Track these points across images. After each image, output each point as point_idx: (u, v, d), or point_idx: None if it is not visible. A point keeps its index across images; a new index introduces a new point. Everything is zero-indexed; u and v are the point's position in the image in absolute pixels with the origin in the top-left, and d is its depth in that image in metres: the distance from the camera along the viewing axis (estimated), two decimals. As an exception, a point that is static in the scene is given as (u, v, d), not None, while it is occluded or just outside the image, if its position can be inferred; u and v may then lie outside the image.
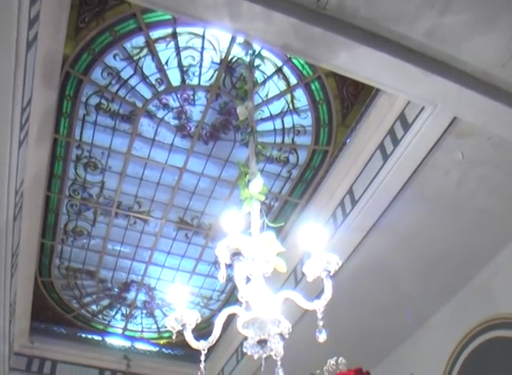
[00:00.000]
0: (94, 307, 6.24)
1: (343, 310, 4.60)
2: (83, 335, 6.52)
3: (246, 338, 2.11)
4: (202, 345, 2.22)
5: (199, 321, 2.30)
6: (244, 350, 2.15)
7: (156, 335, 6.58)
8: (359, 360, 3.62)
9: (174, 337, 2.18)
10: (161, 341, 6.64)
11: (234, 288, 5.55)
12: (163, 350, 6.68)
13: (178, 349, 6.64)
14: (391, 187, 4.04)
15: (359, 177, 4.30)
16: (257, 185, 2.69)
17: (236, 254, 2.15)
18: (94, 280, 5.85)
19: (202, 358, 2.20)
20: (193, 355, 6.50)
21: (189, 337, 2.21)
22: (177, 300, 2.28)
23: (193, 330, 6.51)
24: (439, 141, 3.76)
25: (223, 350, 6.12)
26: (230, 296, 5.93)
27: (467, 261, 4.54)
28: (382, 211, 4.19)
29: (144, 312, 6.25)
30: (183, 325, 2.24)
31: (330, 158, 4.61)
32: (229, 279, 2.19)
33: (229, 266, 2.18)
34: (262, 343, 2.09)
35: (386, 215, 4.21)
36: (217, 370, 6.38)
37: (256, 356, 2.15)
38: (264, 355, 2.14)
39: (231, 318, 5.41)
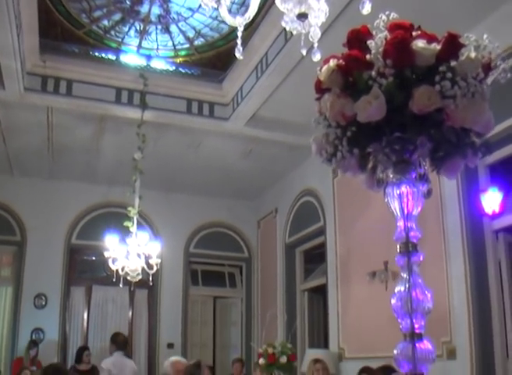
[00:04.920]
0: (105, 22, 5.94)
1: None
2: (97, 54, 6.33)
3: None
4: (238, 21, 2.03)
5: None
6: (283, 24, 1.98)
7: (172, 53, 6.40)
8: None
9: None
10: (178, 60, 6.48)
11: None
12: (180, 69, 6.56)
13: (195, 68, 6.54)
14: None
15: None
16: None
17: None
18: (103, -10, 5.46)
19: (239, 34, 2.02)
20: (209, 74, 6.47)
21: (224, 13, 2.02)
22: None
23: (210, 49, 6.18)
24: None
25: (242, 68, 5.98)
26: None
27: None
28: None
29: (159, 27, 5.96)
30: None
31: None
32: None
33: None
34: (302, 17, 1.91)
35: None
36: (235, 89, 6.36)
37: (295, 32, 1.99)
38: (304, 32, 1.98)
39: (253, 30, 5.25)
